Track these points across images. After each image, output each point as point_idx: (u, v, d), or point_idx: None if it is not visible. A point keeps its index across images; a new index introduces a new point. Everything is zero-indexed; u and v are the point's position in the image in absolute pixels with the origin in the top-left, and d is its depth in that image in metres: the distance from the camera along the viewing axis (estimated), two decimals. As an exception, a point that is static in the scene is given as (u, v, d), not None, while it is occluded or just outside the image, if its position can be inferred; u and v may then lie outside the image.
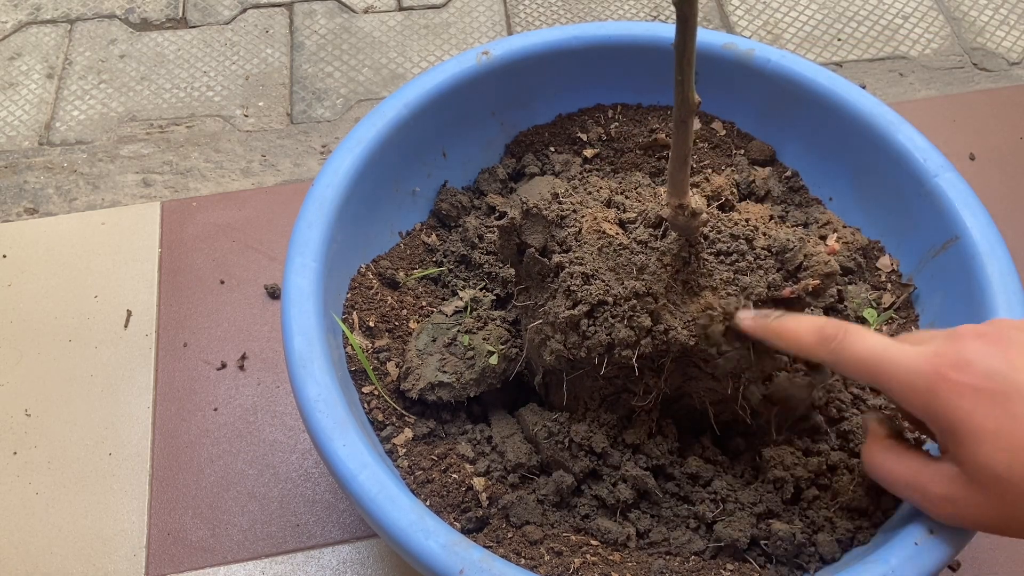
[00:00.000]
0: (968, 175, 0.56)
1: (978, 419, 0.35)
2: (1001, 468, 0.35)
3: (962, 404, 0.36)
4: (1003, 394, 0.35)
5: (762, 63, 0.59)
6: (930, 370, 0.36)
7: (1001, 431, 0.35)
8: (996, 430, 0.35)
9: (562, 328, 0.45)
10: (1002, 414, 0.35)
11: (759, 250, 0.44)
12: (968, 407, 0.35)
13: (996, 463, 0.35)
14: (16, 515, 0.61)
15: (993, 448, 0.35)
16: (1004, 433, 0.35)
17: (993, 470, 0.35)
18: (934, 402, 0.36)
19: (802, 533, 0.46)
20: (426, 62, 0.90)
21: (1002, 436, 0.35)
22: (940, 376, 0.36)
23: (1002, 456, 0.35)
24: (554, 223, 0.47)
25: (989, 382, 0.35)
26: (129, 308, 0.71)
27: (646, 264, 0.44)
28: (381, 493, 0.41)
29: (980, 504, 0.37)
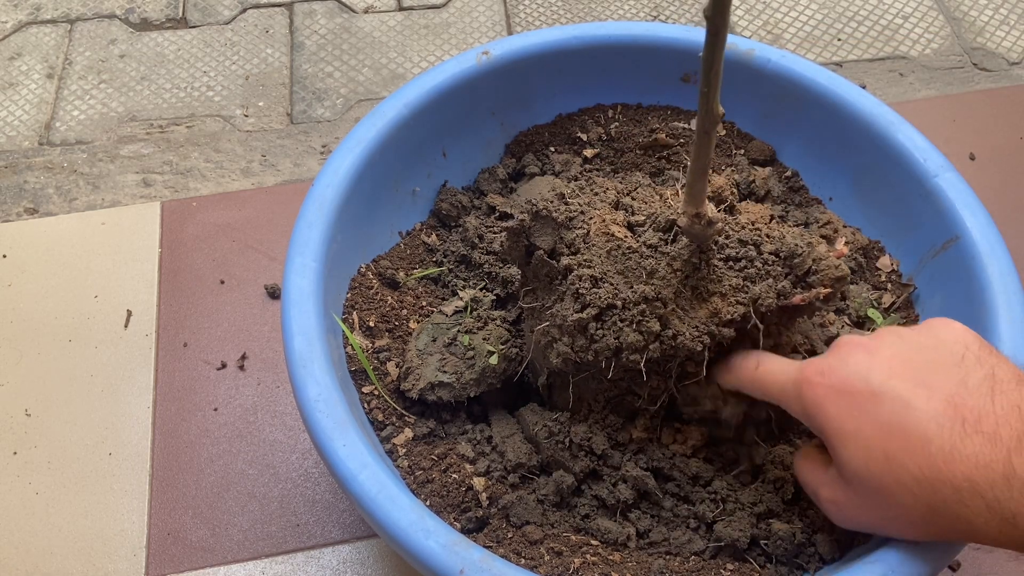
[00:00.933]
0: (968, 175, 0.56)
1: (839, 421, 0.37)
2: (860, 467, 0.36)
3: (826, 407, 0.37)
4: (859, 395, 0.36)
5: (762, 63, 0.59)
6: (799, 378, 0.39)
7: (859, 432, 0.36)
8: (855, 431, 0.36)
9: (570, 331, 0.45)
10: (859, 415, 0.36)
11: (767, 255, 0.44)
12: (832, 410, 0.37)
13: (856, 463, 0.36)
14: (16, 515, 0.61)
15: (854, 448, 0.36)
16: (862, 434, 0.36)
17: (855, 470, 0.37)
18: (805, 407, 0.38)
19: (802, 533, 0.46)
20: (426, 62, 0.90)
21: (860, 436, 0.36)
22: (806, 382, 0.38)
23: (861, 455, 0.36)
24: (563, 225, 0.47)
25: (847, 384, 0.37)
26: (129, 308, 0.71)
27: (656, 269, 0.44)
28: (381, 493, 0.41)
29: (856, 504, 0.38)
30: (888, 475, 0.35)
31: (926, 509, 0.35)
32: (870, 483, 0.36)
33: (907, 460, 0.35)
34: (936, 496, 0.35)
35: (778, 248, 0.44)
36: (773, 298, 0.43)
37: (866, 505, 0.38)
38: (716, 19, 0.33)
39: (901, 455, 0.35)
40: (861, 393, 0.36)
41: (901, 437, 0.35)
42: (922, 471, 0.35)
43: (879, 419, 0.36)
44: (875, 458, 0.36)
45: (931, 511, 0.35)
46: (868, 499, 0.37)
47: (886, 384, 0.36)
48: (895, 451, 0.35)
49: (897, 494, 0.36)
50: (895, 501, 0.36)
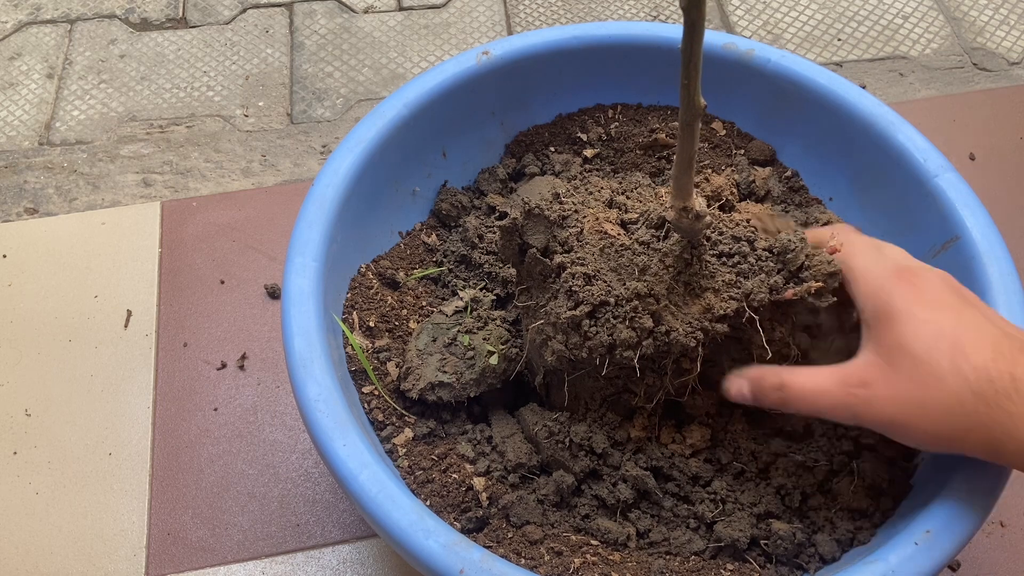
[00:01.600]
0: (968, 175, 0.56)
1: (914, 303, 0.40)
2: (922, 350, 0.38)
3: (906, 289, 0.40)
4: (953, 306, 0.40)
5: (762, 63, 0.59)
6: (891, 273, 0.41)
7: (933, 318, 0.39)
8: (926, 317, 0.39)
9: (563, 328, 0.45)
10: (936, 306, 0.39)
11: (760, 251, 0.44)
12: (910, 291, 0.40)
13: (921, 341, 0.38)
14: (16, 515, 0.61)
15: (920, 329, 0.39)
16: (933, 320, 0.39)
17: (915, 347, 0.38)
18: (883, 291, 0.41)
19: (802, 533, 0.46)
20: (426, 62, 0.90)
21: (932, 322, 0.39)
22: (898, 278, 0.41)
23: (927, 338, 0.38)
24: (556, 223, 0.47)
25: (943, 284, 0.41)
26: (129, 308, 0.71)
27: (648, 265, 0.44)
28: (381, 493, 0.41)
29: (890, 383, 0.39)
30: (949, 362, 0.37)
31: (972, 396, 0.37)
32: (925, 367, 0.38)
33: (974, 352, 0.37)
34: (991, 386, 0.36)
35: (771, 244, 0.44)
36: (766, 293, 0.43)
37: (906, 386, 0.39)
38: (692, 11, 0.33)
39: (970, 347, 0.37)
40: (949, 304, 0.40)
41: (975, 335, 0.38)
42: (986, 363, 0.37)
43: (956, 315, 0.39)
44: (941, 345, 0.38)
45: (977, 398, 0.37)
46: (912, 381, 0.38)
47: (971, 305, 0.40)
48: (965, 342, 0.38)
49: (950, 381, 0.37)
50: (943, 387, 0.37)
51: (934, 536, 0.40)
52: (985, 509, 0.42)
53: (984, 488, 0.42)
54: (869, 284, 0.42)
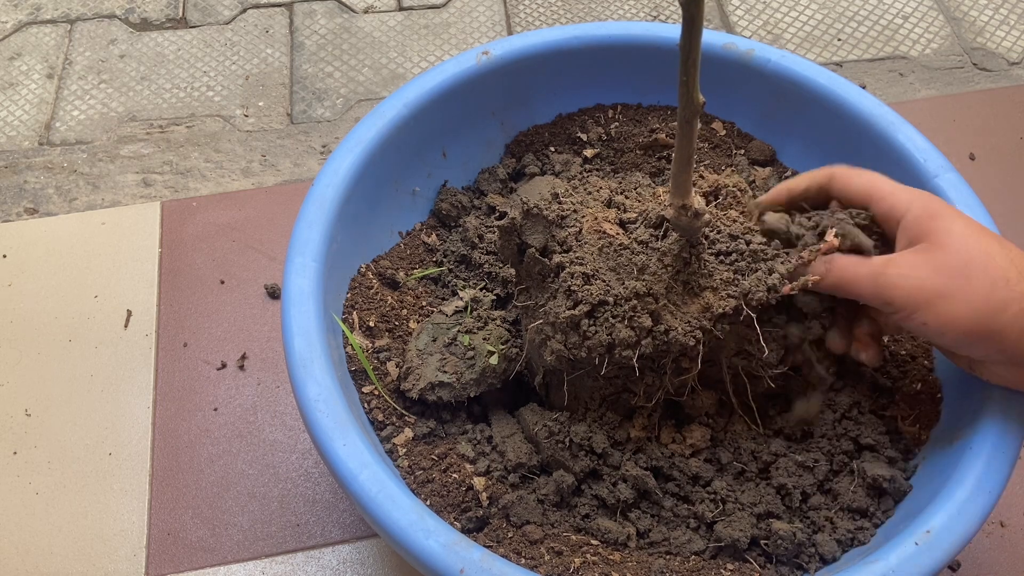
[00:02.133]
0: (968, 175, 0.56)
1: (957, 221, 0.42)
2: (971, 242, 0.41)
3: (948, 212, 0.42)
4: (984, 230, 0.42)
5: (762, 63, 0.59)
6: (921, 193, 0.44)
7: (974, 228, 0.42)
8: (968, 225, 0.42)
9: (563, 328, 0.45)
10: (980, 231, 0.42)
11: (757, 248, 0.44)
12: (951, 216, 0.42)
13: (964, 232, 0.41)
14: (16, 515, 0.61)
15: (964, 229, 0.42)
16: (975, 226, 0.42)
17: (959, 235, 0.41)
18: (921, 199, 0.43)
19: (802, 533, 0.46)
20: (426, 62, 0.90)
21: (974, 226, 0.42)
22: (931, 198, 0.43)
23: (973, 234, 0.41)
24: (554, 223, 0.47)
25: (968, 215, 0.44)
26: (129, 308, 0.71)
27: (647, 264, 0.44)
28: (381, 493, 0.41)
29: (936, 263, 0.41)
30: (996, 245, 0.41)
31: (1018, 273, 0.40)
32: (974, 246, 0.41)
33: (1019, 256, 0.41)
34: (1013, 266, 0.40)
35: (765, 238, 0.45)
36: (764, 291, 0.43)
37: (953, 263, 0.41)
38: (691, 6, 0.33)
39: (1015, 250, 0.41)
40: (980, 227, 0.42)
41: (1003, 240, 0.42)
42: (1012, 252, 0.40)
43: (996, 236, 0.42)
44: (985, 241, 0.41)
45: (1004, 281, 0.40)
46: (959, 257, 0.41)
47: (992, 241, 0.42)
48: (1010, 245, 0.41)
49: (997, 254, 0.40)
50: (991, 258, 0.40)
51: (934, 536, 0.40)
52: (985, 509, 0.42)
53: (984, 488, 0.42)
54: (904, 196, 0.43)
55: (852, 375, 0.51)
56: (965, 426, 0.45)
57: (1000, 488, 0.42)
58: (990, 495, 0.42)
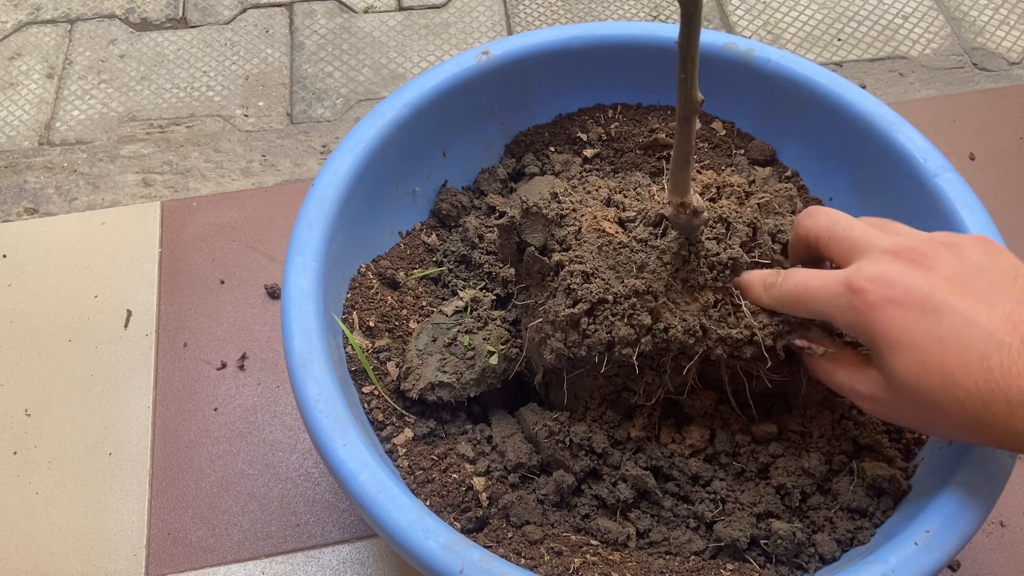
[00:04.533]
0: (968, 175, 0.56)
1: (896, 332, 0.37)
2: (912, 379, 0.37)
3: (881, 317, 0.37)
4: (919, 308, 0.37)
5: (762, 63, 0.59)
6: (850, 286, 0.38)
7: (915, 344, 0.36)
8: (911, 344, 0.37)
9: (562, 326, 0.45)
10: (916, 328, 0.36)
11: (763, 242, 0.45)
12: (887, 320, 0.37)
13: (908, 374, 0.37)
14: (16, 515, 0.61)
15: (908, 360, 0.37)
16: (918, 347, 0.36)
17: (906, 380, 0.37)
18: (857, 317, 0.38)
19: (802, 533, 0.46)
20: (426, 62, 0.90)
21: (916, 349, 0.36)
22: (860, 291, 0.38)
23: (915, 367, 0.37)
24: (554, 222, 0.47)
25: (909, 298, 0.37)
26: (129, 308, 0.71)
27: (646, 262, 0.44)
28: (381, 493, 0.41)
29: (898, 407, 0.39)
30: (940, 389, 0.36)
31: (974, 422, 0.36)
32: (919, 394, 0.37)
33: (963, 376, 0.35)
34: (987, 410, 0.35)
35: (767, 230, 0.45)
36: None
37: (912, 411, 0.38)
38: (689, 3, 0.33)
39: (957, 370, 0.35)
40: (921, 307, 0.37)
41: (959, 352, 0.35)
42: (977, 386, 0.35)
43: (938, 333, 0.36)
44: (929, 371, 0.36)
45: (979, 424, 0.36)
46: (913, 406, 0.38)
47: (948, 300, 0.36)
48: (951, 366, 0.35)
49: (946, 406, 0.36)
50: (943, 412, 0.36)
51: (934, 536, 0.40)
52: (985, 509, 0.42)
53: (984, 488, 0.42)
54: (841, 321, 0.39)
55: None
56: (965, 426, 0.45)
57: (1000, 488, 0.42)
58: (990, 495, 0.42)
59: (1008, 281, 0.37)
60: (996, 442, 0.36)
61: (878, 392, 0.40)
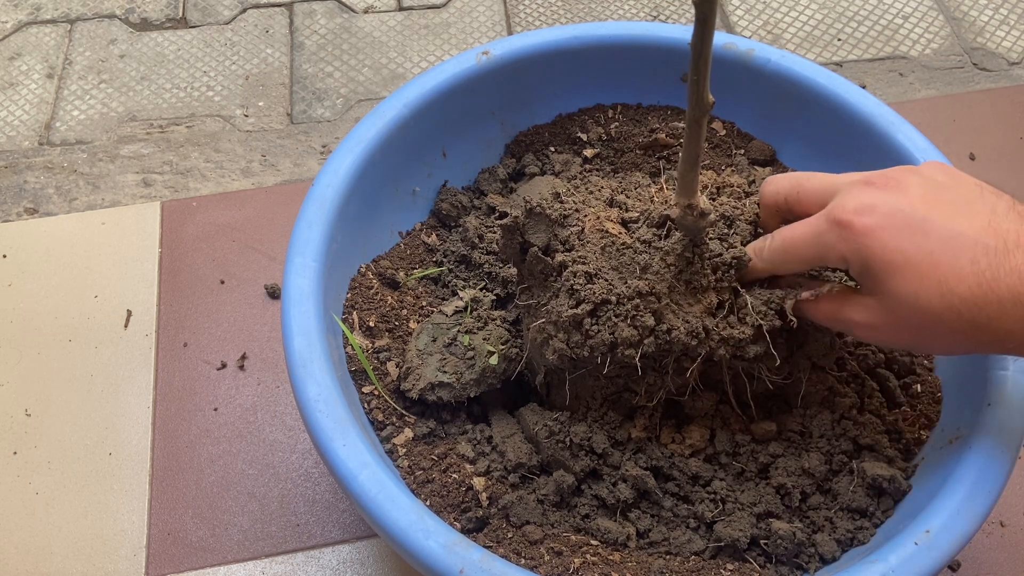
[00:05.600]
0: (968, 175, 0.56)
1: (889, 254, 0.38)
2: (911, 295, 0.38)
3: (872, 243, 0.38)
4: (909, 229, 0.38)
5: (762, 63, 0.59)
6: (833, 220, 0.39)
7: (908, 262, 0.38)
8: (903, 262, 0.38)
9: (565, 327, 0.45)
10: (909, 247, 0.38)
11: None
12: (878, 243, 0.38)
13: (907, 291, 0.38)
14: (16, 515, 0.61)
15: (902, 278, 0.38)
16: (911, 263, 0.38)
17: (904, 297, 0.38)
18: (847, 247, 0.39)
19: (802, 533, 0.46)
20: (426, 62, 0.90)
21: (909, 266, 0.38)
22: (845, 223, 0.39)
23: (912, 284, 0.38)
24: (557, 222, 0.47)
25: (894, 220, 0.38)
26: (129, 308, 0.71)
27: (649, 263, 0.44)
28: (381, 493, 0.41)
29: (895, 327, 0.40)
30: (938, 299, 0.37)
31: (969, 326, 0.37)
32: (918, 308, 0.38)
33: (957, 283, 0.37)
34: (982, 313, 0.37)
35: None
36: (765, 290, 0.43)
37: (908, 328, 0.39)
38: (704, 6, 0.33)
39: (951, 279, 0.37)
40: (907, 226, 0.38)
41: (950, 261, 0.37)
42: (971, 291, 0.37)
43: (928, 248, 0.37)
44: (927, 285, 0.37)
45: (974, 327, 0.37)
46: (912, 323, 0.39)
47: (930, 216, 0.38)
48: (946, 276, 0.37)
49: (945, 316, 0.37)
50: (941, 323, 0.38)
51: (934, 536, 0.40)
52: (985, 509, 0.42)
53: (984, 488, 0.42)
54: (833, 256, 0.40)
55: (852, 376, 0.51)
56: (965, 426, 0.45)
57: (1000, 488, 0.42)
58: (990, 495, 0.42)
59: (976, 196, 0.39)
60: (991, 345, 0.38)
61: (875, 317, 0.40)
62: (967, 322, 0.37)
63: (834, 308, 0.42)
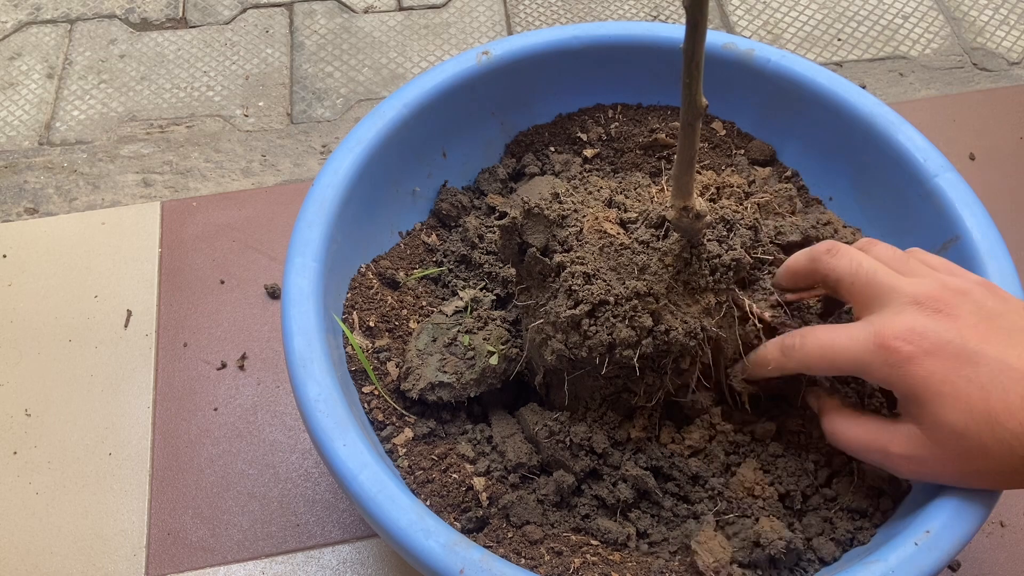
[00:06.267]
0: (968, 175, 0.56)
1: (935, 384, 0.38)
2: (960, 427, 0.38)
3: (919, 371, 0.38)
4: (958, 360, 0.38)
5: (762, 63, 0.59)
6: (879, 347, 0.39)
7: (958, 393, 0.38)
8: (953, 393, 0.38)
9: (563, 328, 0.45)
10: (957, 378, 0.38)
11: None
12: (925, 373, 0.38)
13: (955, 422, 0.38)
14: (16, 515, 0.61)
15: (952, 409, 0.38)
16: (961, 395, 0.37)
17: (952, 428, 0.38)
18: (892, 372, 0.39)
19: (802, 533, 0.46)
20: (426, 62, 0.90)
21: (959, 398, 0.37)
22: (892, 349, 0.39)
23: (960, 416, 0.38)
24: (555, 223, 0.47)
25: (944, 350, 0.38)
26: (129, 308, 0.71)
27: (647, 264, 0.44)
28: (381, 493, 0.41)
29: (940, 459, 0.39)
30: (988, 433, 0.37)
31: (1020, 461, 0.37)
32: (968, 441, 0.38)
33: (1007, 418, 0.37)
34: None
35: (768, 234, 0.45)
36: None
37: (955, 462, 0.39)
38: (694, 10, 0.33)
39: (1001, 414, 0.37)
40: (957, 357, 0.38)
41: (1001, 396, 0.37)
42: (1021, 426, 0.36)
43: (979, 380, 0.37)
44: (976, 417, 0.37)
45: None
46: (959, 456, 0.38)
47: (981, 348, 0.38)
48: (996, 410, 0.37)
49: (993, 450, 0.37)
50: (989, 457, 0.38)
51: (934, 536, 0.40)
52: (985, 509, 0.42)
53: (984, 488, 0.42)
54: (875, 378, 0.40)
55: (853, 376, 0.51)
56: (965, 426, 0.45)
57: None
58: (990, 495, 0.42)
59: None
60: None
61: (918, 450, 0.40)
62: (1018, 457, 0.37)
63: (870, 436, 0.42)
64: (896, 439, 0.41)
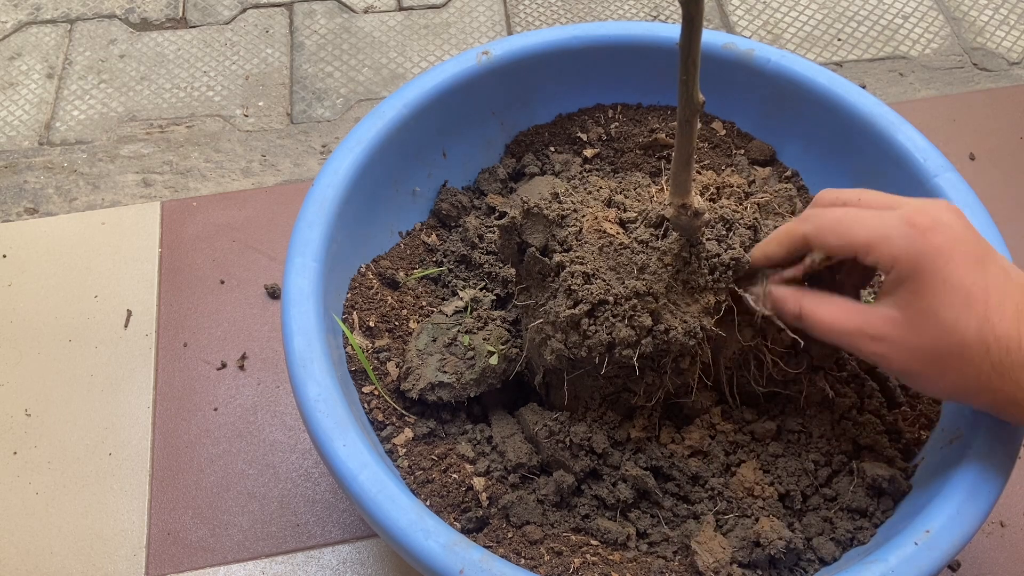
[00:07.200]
0: (968, 175, 0.56)
1: (948, 269, 0.38)
2: (951, 317, 0.38)
3: (935, 241, 0.38)
4: (974, 256, 0.38)
5: (762, 63, 0.59)
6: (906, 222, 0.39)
7: (963, 286, 0.38)
8: (959, 285, 0.38)
9: (563, 327, 0.45)
10: (968, 273, 0.38)
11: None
12: (944, 259, 0.38)
13: (950, 311, 0.38)
14: (16, 515, 0.61)
15: (949, 301, 0.38)
16: (966, 289, 0.38)
17: (940, 319, 0.38)
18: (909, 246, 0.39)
19: (802, 533, 0.46)
20: (426, 62, 0.90)
21: (963, 291, 0.38)
22: (919, 226, 0.39)
23: (958, 308, 0.38)
24: (555, 223, 0.47)
25: (964, 242, 0.39)
26: (129, 308, 0.71)
27: (647, 264, 0.44)
28: (381, 493, 0.41)
29: (911, 347, 0.39)
30: (975, 331, 0.37)
31: (990, 367, 0.38)
32: (950, 333, 0.38)
33: (999, 321, 0.37)
34: (1008, 358, 0.37)
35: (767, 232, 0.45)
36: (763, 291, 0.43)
37: (925, 351, 0.39)
38: (690, 6, 0.33)
39: (995, 316, 0.37)
40: (973, 252, 0.39)
41: (1000, 299, 0.38)
42: (1008, 332, 0.37)
43: (985, 282, 0.38)
44: (972, 313, 0.37)
45: (994, 370, 0.38)
46: (933, 347, 0.38)
47: (990, 253, 0.39)
48: (991, 311, 0.37)
49: (972, 349, 0.38)
50: (962, 357, 0.38)
51: (934, 536, 0.40)
52: (985, 509, 0.42)
53: (984, 488, 0.42)
54: (887, 249, 0.39)
55: (852, 376, 0.51)
56: (965, 426, 0.45)
57: (1000, 488, 0.42)
58: (990, 495, 0.42)
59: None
60: (997, 398, 0.38)
61: (892, 331, 0.39)
62: (990, 363, 0.37)
63: (845, 315, 0.41)
64: (871, 320, 0.40)
